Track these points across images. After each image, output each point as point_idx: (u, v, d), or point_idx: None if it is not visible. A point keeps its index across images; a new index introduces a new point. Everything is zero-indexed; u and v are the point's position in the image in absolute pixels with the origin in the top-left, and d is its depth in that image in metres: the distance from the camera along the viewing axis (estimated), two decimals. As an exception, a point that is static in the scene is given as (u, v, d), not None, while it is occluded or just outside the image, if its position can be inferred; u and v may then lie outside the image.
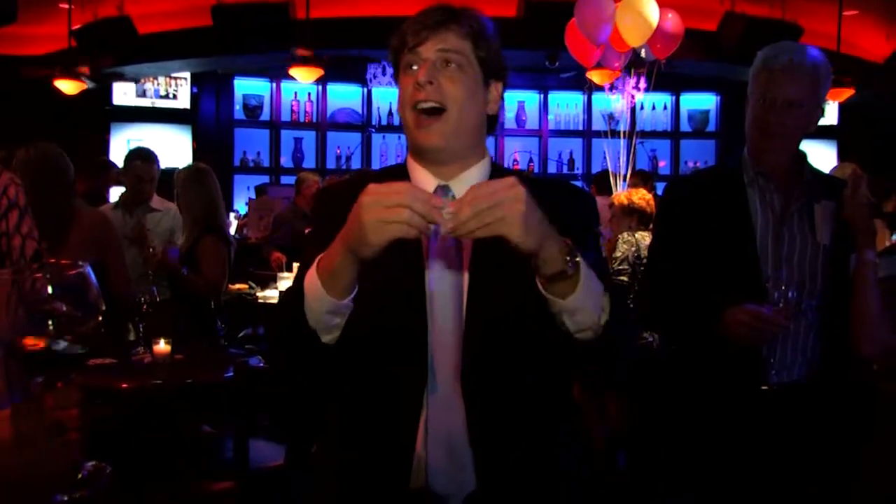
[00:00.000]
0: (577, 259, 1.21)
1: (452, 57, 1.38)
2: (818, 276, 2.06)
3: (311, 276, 1.26)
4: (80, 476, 1.09)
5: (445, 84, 1.37)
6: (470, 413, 1.36)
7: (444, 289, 1.39)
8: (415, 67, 1.39)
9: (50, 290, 1.06)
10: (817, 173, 2.17)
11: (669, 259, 2.19)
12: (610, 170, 6.06)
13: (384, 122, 9.13)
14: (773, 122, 2.02)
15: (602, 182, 6.17)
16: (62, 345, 1.06)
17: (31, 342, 1.05)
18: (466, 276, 1.39)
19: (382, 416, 1.39)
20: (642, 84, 6.05)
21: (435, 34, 1.38)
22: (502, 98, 1.50)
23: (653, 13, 5.29)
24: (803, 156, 2.14)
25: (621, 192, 4.71)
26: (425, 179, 1.44)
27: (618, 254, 4.16)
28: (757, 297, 1.98)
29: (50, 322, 1.05)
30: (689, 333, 2.18)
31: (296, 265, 2.03)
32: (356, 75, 8.80)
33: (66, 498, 1.07)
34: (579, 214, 1.48)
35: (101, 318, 1.10)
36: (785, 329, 1.96)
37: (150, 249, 3.63)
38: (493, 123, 1.49)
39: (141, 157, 4.16)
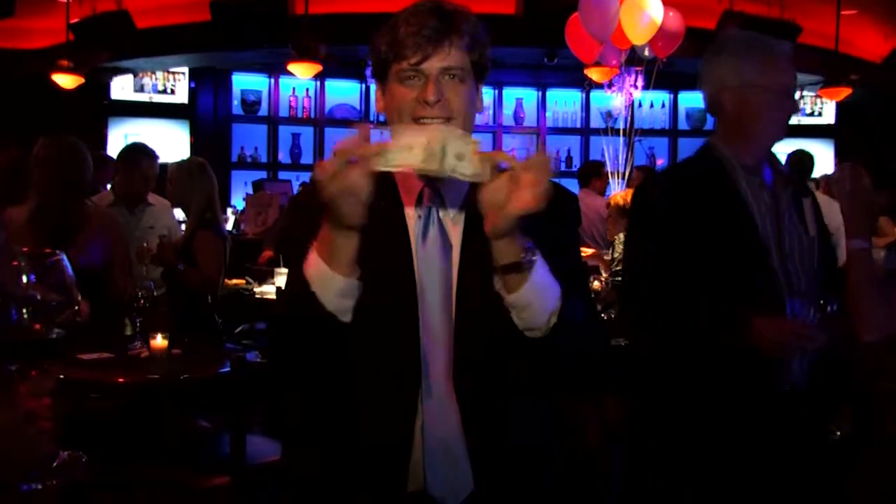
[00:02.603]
0: (534, 258, 1.24)
1: (455, 72, 1.37)
2: (816, 270, 2.02)
3: (313, 262, 1.26)
4: (53, 465, 1.09)
5: (451, 99, 1.37)
6: (464, 414, 1.36)
7: (432, 289, 1.38)
8: (414, 81, 1.37)
9: (25, 279, 1.06)
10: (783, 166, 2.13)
11: (658, 266, 2.04)
12: (607, 161, 5.99)
13: (382, 119, 9.06)
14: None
15: (586, 173, 6.02)
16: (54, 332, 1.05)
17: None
18: (455, 274, 1.39)
19: (377, 419, 1.37)
20: (640, 82, 6.05)
21: (437, 49, 1.35)
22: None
23: (657, 11, 5.28)
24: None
25: (618, 193, 4.67)
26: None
27: (616, 254, 4.15)
28: (769, 295, 1.93)
29: (25, 310, 1.05)
30: (688, 341, 2.03)
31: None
32: (355, 71, 8.77)
33: (39, 486, 1.06)
34: (562, 214, 1.46)
35: (77, 308, 1.09)
36: (822, 344, 1.87)
37: (145, 244, 3.63)
38: None
39: (148, 155, 4.14)
